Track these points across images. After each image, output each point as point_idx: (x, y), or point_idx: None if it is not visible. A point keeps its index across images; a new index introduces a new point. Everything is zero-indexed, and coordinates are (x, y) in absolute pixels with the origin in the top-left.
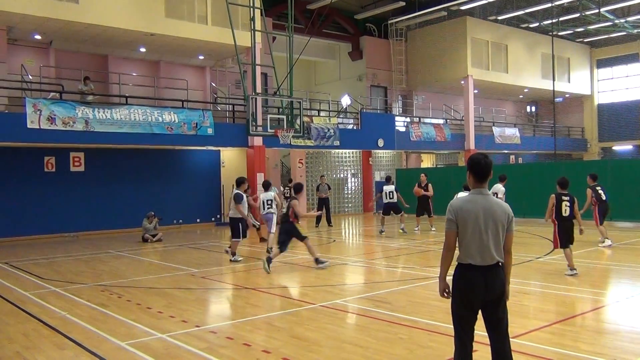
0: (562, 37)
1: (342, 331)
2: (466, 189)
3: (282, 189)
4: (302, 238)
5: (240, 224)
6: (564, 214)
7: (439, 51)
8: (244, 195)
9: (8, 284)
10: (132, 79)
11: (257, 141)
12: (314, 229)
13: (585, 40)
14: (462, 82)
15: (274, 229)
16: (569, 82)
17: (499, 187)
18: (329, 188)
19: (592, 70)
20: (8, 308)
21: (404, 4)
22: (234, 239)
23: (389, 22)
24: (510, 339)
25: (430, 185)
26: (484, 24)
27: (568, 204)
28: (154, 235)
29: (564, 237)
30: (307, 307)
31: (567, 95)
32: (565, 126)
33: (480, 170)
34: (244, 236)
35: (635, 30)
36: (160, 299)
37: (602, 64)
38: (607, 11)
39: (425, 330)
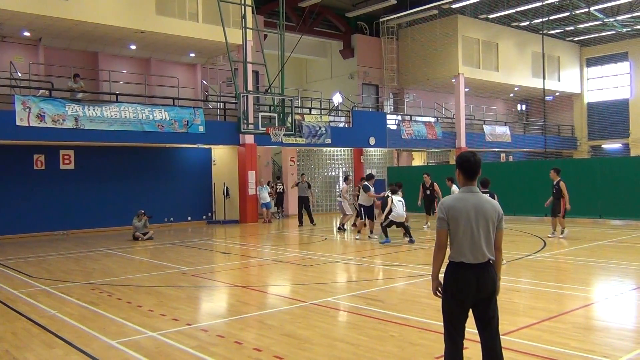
0: (552, 35)
1: (333, 329)
2: (450, 180)
3: (274, 185)
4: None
5: (370, 209)
6: None
7: (430, 49)
8: (370, 187)
9: None
10: (122, 76)
11: (249, 139)
12: (297, 228)
13: (575, 39)
14: (453, 80)
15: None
16: (559, 80)
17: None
18: (309, 187)
19: (582, 69)
20: None
21: (395, 2)
22: (369, 220)
23: (381, 20)
24: (501, 337)
25: (436, 184)
26: (475, 22)
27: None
28: (144, 234)
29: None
30: (299, 305)
31: (557, 94)
32: (555, 124)
33: (469, 167)
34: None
35: (625, 29)
36: (151, 297)
37: (591, 62)
38: (596, 10)
39: (416, 328)
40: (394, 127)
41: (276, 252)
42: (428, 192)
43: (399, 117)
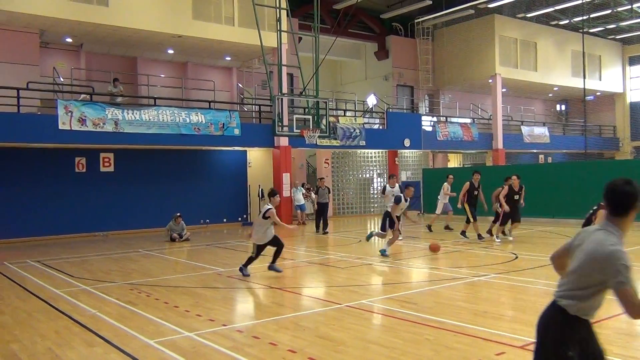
0: (592, 34)
1: (367, 331)
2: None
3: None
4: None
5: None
6: None
7: (466, 50)
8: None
9: (41, 282)
10: (160, 80)
11: (283, 141)
12: (314, 233)
13: (617, 37)
14: (490, 80)
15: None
16: (600, 80)
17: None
18: (329, 192)
19: (624, 68)
20: (41, 306)
21: (430, 2)
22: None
23: (416, 21)
24: None
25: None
26: (512, 21)
27: None
28: (181, 235)
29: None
30: (333, 307)
31: (598, 94)
32: (596, 125)
33: (611, 198)
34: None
35: None
36: (187, 297)
37: (634, 61)
38: (639, 7)
39: (451, 332)
40: (429, 129)
41: (310, 254)
42: (476, 193)
43: (435, 119)
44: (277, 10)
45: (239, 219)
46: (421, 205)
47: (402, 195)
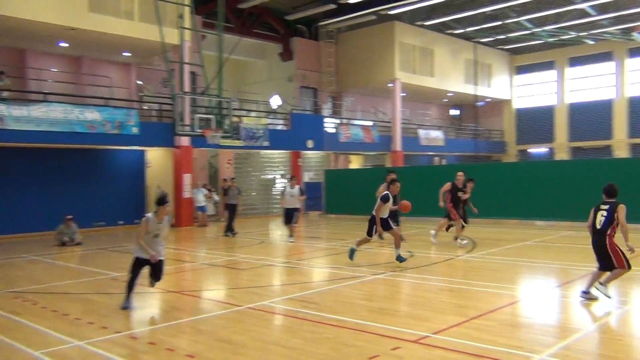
0: (484, 43)
1: (268, 333)
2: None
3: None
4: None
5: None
6: None
7: (368, 54)
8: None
9: None
10: (51, 75)
11: (184, 141)
12: (224, 236)
13: (505, 48)
14: (390, 85)
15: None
16: (490, 87)
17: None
18: (239, 193)
19: (512, 76)
20: None
21: (335, 6)
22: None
23: (320, 24)
24: (431, 335)
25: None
26: (411, 29)
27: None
28: (72, 239)
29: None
30: (233, 310)
31: (488, 100)
32: (486, 129)
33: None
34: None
35: (551, 39)
36: (78, 305)
37: (520, 70)
38: (526, 20)
39: (350, 329)
40: (332, 131)
41: (211, 256)
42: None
43: (337, 121)
44: (180, 6)
45: (136, 220)
46: (322, 206)
47: (387, 192)
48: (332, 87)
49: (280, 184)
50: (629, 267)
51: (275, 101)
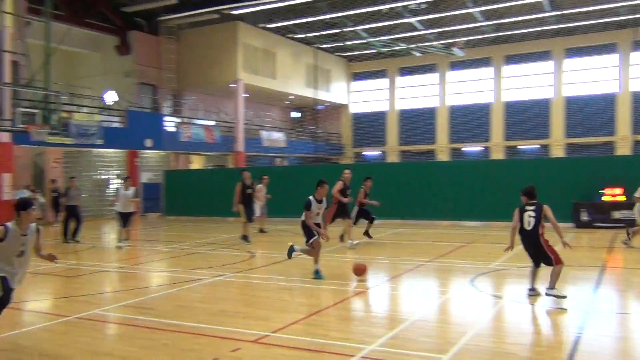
0: (324, 49)
1: (99, 343)
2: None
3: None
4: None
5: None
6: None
7: (210, 53)
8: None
9: None
10: None
11: (4, 137)
12: (63, 244)
13: (343, 54)
14: (233, 85)
15: None
16: (329, 91)
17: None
18: (80, 193)
19: (349, 82)
20: None
21: (176, 1)
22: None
23: (160, 18)
24: (270, 334)
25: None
26: (254, 30)
27: None
28: None
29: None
30: (59, 321)
31: (327, 104)
32: (325, 132)
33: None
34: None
35: (384, 49)
36: None
37: (356, 76)
38: (361, 29)
39: (188, 334)
40: (173, 130)
41: (35, 263)
42: (249, 191)
43: (178, 120)
44: None
45: None
46: (161, 207)
47: (310, 198)
48: (173, 84)
49: (115, 184)
50: (562, 262)
51: (111, 97)
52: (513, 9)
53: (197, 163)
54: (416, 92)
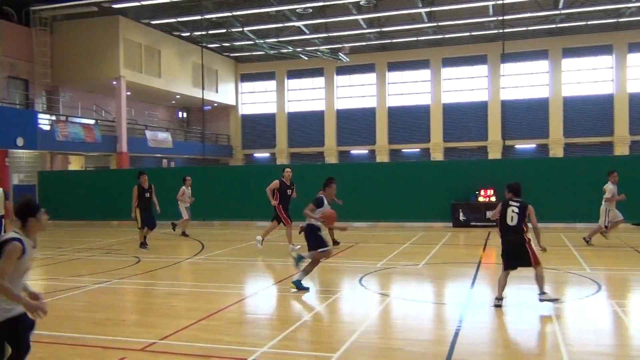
0: (211, 49)
1: None
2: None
3: None
4: None
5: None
6: None
7: (89, 48)
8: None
9: None
10: None
11: None
12: None
13: (231, 55)
14: (114, 82)
15: None
16: (217, 92)
17: None
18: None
19: (237, 83)
20: None
21: None
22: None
23: (31, 8)
24: (159, 341)
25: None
26: (137, 26)
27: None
28: None
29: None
30: None
31: (215, 104)
32: (213, 133)
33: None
34: None
35: (272, 52)
36: None
37: (245, 78)
38: (249, 31)
39: (68, 345)
40: (47, 128)
41: None
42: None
43: (53, 117)
44: None
45: None
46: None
47: (322, 196)
48: (47, 79)
49: None
50: (540, 263)
51: None
52: (394, 18)
53: (76, 164)
54: (305, 95)
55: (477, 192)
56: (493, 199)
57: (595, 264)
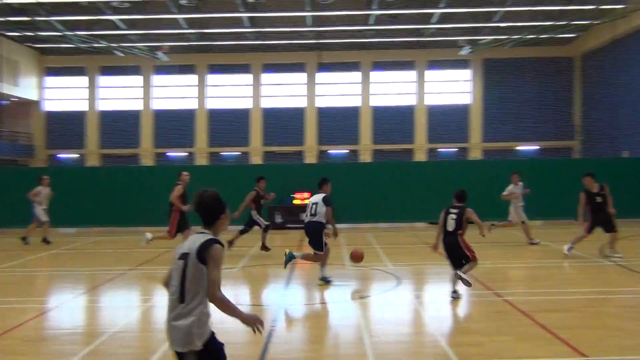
0: (11, 37)
1: None
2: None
3: None
4: None
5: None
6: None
7: None
8: None
9: None
10: None
11: None
12: None
13: (35, 46)
14: None
15: None
16: (17, 85)
17: None
18: None
19: (41, 77)
20: None
21: None
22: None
23: None
24: None
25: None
26: None
27: None
28: None
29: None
30: None
31: (14, 99)
32: (11, 131)
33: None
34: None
35: (83, 45)
36: None
37: (51, 71)
38: (57, 21)
39: None
40: None
41: None
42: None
43: None
44: None
45: None
46: None
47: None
48: None
49: None
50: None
51: None
52: (216, 20)
53: None
54: (119, 93)
55: (292, 195)
56: (307, 201)
57: (395, 260)
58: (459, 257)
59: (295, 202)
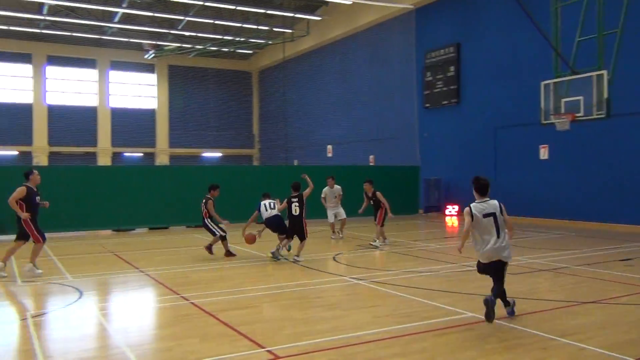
0: None
1: None
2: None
3: None
4: None
5: None
6: None
7: None
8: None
9: None
10: None
11: None
12: None
13: None
14: None
15: None
16: None
17: None
18: None
19: None
20: None
21: None
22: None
23: None
24: None
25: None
26: None
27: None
28: None
29: None
30: None
31: None
32: None
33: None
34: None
35: None
36: None
37: None
38: None
39: None
40: None
41: None
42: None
43: None
44: None
45: None
46: None
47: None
48: None
49: None
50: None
51: None
52: None
53: None
54: None
55: None
56: None
57: (76, 271)
58: (297, 233)
59: None
